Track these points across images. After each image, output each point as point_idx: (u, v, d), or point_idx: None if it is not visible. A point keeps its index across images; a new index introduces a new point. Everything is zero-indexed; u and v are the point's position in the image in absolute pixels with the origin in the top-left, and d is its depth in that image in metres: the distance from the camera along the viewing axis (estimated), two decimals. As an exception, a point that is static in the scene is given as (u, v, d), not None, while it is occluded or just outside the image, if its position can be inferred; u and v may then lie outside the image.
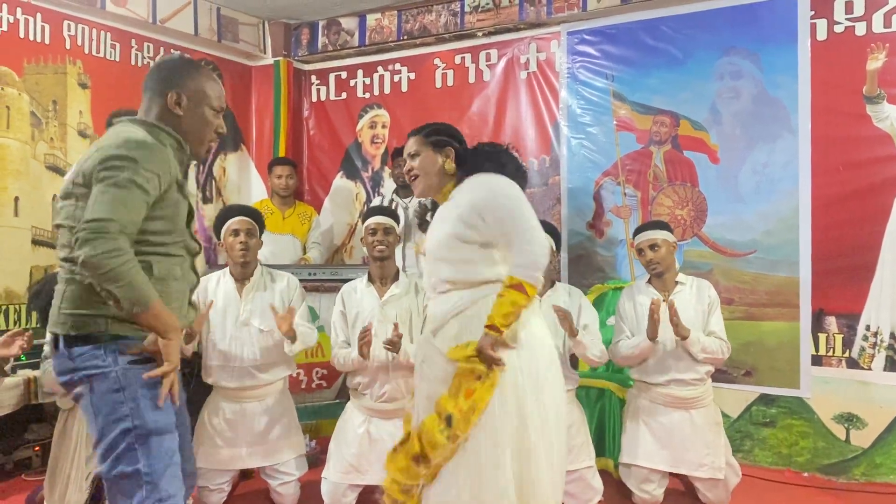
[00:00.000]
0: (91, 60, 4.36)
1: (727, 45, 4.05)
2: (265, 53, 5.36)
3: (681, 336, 3.13)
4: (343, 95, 5.36)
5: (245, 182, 5.40)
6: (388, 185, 5.07)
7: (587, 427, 3.34)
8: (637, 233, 3.42)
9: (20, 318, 3.95)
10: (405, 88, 5.11)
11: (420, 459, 2.20)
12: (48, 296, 1.96)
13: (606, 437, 3.77)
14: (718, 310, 3.31)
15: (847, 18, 3.76)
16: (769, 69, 3.95)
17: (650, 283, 3.38)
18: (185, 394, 2.15)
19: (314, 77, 5.48)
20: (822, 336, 3.81)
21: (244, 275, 3.32)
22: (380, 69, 5.20)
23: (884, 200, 3.67)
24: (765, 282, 3.93)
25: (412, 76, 5.08)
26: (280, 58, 5.31)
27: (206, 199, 5.11)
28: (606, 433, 3.77)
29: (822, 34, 3.82)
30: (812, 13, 3.83)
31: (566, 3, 4.43)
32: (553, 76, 4.57)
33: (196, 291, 2.21)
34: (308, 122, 5.53)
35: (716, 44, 4.08)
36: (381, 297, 3.27)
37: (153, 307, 1.78)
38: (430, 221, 2.51)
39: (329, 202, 5.41)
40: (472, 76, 4.86)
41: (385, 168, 5.18)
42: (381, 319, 3.19)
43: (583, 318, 3.27)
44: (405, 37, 4.99)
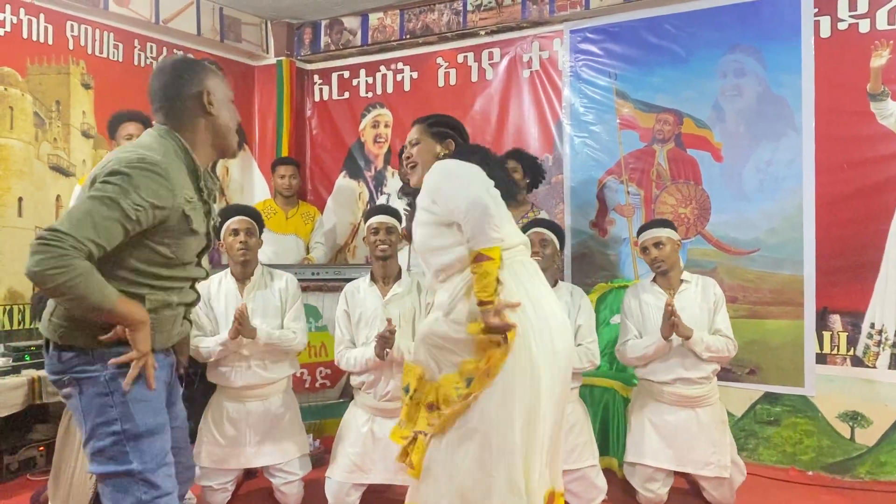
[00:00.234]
0: (94, 61, 4.37)
1: (730, 43, 4.04)
2: (268, 53, 5.37)
3: (683, 336, 3.13)
4: (346, 95, 5.37)
5: (248, 182, 5.41)
6: (391, 185, 5.08)
7: (591, 426, 3.33)
8: (641, 231, 3.41)
9: (24, 319, 3.96)
10: (408, 88, 5.11)
11: (433, 407, 2.22)
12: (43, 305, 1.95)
13: (610, 436, 3.76)
14: (724, 308, 3.30)
15: (851, 15, 3.75)
16: (773, 67, 3.94)
17: (655, 282, 3.38)
18: (181, 389, 2.15)
19: (317, 77, 5.48)
20: (827, 334, 3.80)
21: (245, 274, 3.32)
22: (382, 68, 5.20)
23: (888, 198, 3.66)
24: (769, 280, 3.92)
25: (415, 75, 5.08)
26: (283, 57, 5.32)
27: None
28: (610, 432, 3.77)
29: (826, 31, 3.81)
30: (816, 10, 3.82)
31: (569, 2, 4.42)
32: (556, 75, 4.56)
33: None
34: (311, 122, 5.53)
35: (719, 41, 4.07)
36: (384, 297, 3.27)
37: (112, 309, 1.74)
38: None
39: (332, 202, 5.42)
40: (475, 75, 4.85)
41: (388, 167, 5.18)
42: (384, 319, 3.19)
43: (579, 318, 3.26)
44: (408, 36, 4.99)
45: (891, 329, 3.66)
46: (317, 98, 5.49)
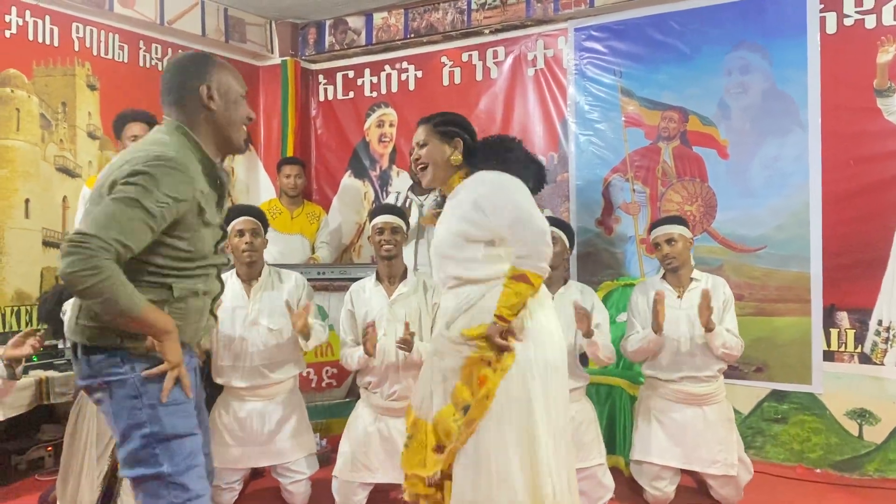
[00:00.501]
0: (99, 62, 4.38)
1: (736, 40, 4.03)
2: (272, 53, 5.37)
3: (707, 328, 3.11)
4: (350, 94, 5.37)
5: (253, 182, 5.42)
6: (396, 184, 5.08)
7: (598, 424, 3.32)
8: (654, 227, 3.40)
9: (31, 320, 3.98)
10: (412, 87, 5.11)
11: (439, 449, 2.24)
12: (53, 304, 1.95)
13: (617, 435, 3.75)
14: (733, 308, 3.29)
15: (857, 11, 3.73)
16: (778, 63, 3.92)
17: (665, 279, 3.37)
18: (204, 394, 2.15)
19: (321, 76, 5.48)
20: (834, 331, 3.78)
21: (251, 275, 3.32)
22: (387, 68, 5.20)
23: (895, 195, 3.64)
24: (776, 277, 3.91)
25: (419, 74, 5.08)
26: (287, 57, 5.32)
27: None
28: (617, 431, 3.76)
29: (832, 27, 3.79)
30: (821, 6, 3.80)
31: (573, 0, 4.41)
32: (561, 73, 4.55)
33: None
34: (316, 122, 5.54)
35: (724, 38, 4.05)
36: (390, 297, 3.27)
37: (139, 316, 1.75)
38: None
39: (337, 201, 5.42)
40: (480, 74, 4.85)
41: (393, 167, 5.18)
42: (390, 318, 3.19)
43: (595, 318, 3.25)
44: (412, 35, 4.99)
45: (899, 326, 3.65)
46: (321, 98, 5.49)
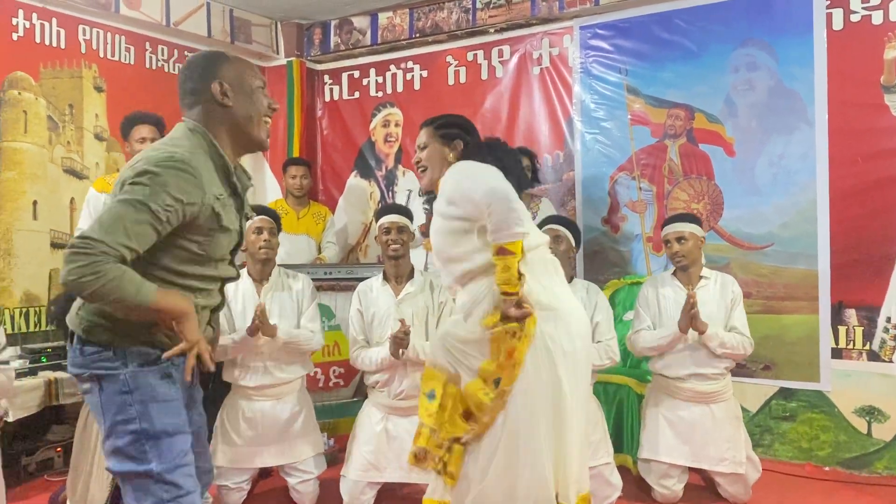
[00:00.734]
0: (106, 64, 4.40)
1: (742, 37, 4.01)
2: (278, 54, 5.38)
3: (698, 330, 3.12)
4: (356, 94, 5.37)
5: (260, 182, 5.42)
6: (402, 184, 5.08)
7: (605, 423, 3.33)
8: (665, 224, 3.40)
9: (40, 321, 4.00)
10: (418, 86, 5.11)
11: (469, 416, 2.23)
12: (64, 306, 1.95)
13: (624, 434, 3.74)
14: (741, 305, 3.29)
15: (864, 7, 3.71)
16: (785, 60, 3.91)
17: (675, 276, 3.37)
18: (202, 392, 2.15)
19: (327, 77, 5.49)
20: (842, 329, 3.77)
21: (263, 275, 3.34)
22: (392, 67, 5.21)
23: (903, 191, 3.63)
24: (783, 275, 3.89)
25: (425, 74, 5.08)
26: (293, 58, 5.33)
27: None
28: (624, 429, 3.75)
29: (839, 24, 3.77)
30: (828, 2, 3.78)
31: (578, -2, 4.41)
32: (566, 71, 4.55)
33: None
34: (321, 122, 5.54)
35: (730, 36, 4.04)
36: (397, 296, 3.28)
37: (153, 306, 1.73)
38: None
39: (343, 201, 5.43)
40: (485, 73, 4.85)
41: (399, 166, 5.19)
42: (397, 318, 3.19)
43: (596, 316, 3.24)
44: (417, 35, 4.99)
45: (907, 323, 3.64)
46: (327, 98, 5.50)
